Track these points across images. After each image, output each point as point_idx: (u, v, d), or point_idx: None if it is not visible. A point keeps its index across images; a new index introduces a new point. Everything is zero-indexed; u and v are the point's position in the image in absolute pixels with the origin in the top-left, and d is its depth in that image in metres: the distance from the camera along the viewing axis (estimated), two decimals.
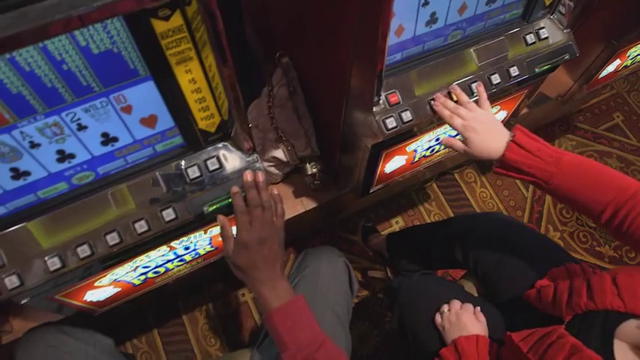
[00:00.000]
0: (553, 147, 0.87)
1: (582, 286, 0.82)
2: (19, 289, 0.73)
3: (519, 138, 0.85)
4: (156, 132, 0.75)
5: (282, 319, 0.72)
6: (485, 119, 0.86)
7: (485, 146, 0.85)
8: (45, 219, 0.75)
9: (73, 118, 0.66)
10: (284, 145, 1.18)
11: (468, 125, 0.85)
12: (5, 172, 0.68)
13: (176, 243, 0.91)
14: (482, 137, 0.85)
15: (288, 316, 0.73)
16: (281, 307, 0.73)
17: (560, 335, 0.78)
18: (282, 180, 1.31)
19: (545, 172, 0.83)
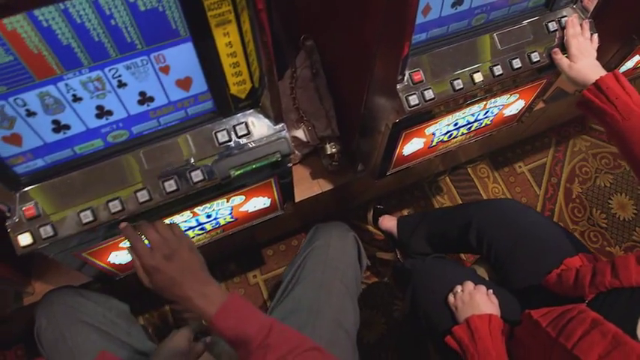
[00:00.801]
0: None
1: (606, 267, 0.85)
2: (52, 239, 0.77)
3: (618, 73, 0.94)
4: (189, 95, 0.78)
5: (224, 321, 0.71)
6: (594, 52, 0.99)
7: (585, 69, 0.96)
8: (79, 174, 0.79)
9: (114, 74, 0.69)
10: (305, 126, 1.21)
11: (580, 48, 0.97)
12: (47, 124, 0.72)
13: (199, 209, 0.95)
14: (586, 62, 0.97)
15: (229, 316, 0.72)
16: (218, 311, 0.71)
17: (581, 311, 0.80)
18: (300, 161, 1.34)
19: (628, 107, 0.90)
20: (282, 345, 0.69)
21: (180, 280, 0.72)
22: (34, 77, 0.64)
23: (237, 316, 0.71)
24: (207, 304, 0.71)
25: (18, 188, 0.76)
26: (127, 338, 0.97)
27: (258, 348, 0.69)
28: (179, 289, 0.72)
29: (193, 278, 0.73)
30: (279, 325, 0.72)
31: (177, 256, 0.74)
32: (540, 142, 1.95)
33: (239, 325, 0.71)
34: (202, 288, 0.73)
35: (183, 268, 0.73)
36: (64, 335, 0.91)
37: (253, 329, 0.70)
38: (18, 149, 0.73)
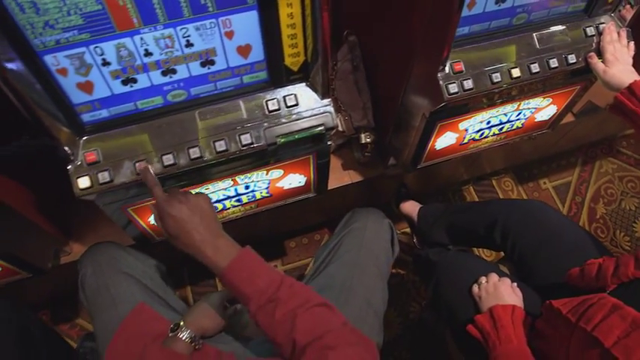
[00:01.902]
0: None
1: (630, 259, 0.87)
2: (107, 185, 0.83)
3: None
4: (247, 62, 0.85)
5: (235, 273, 0.73)
6: (629, 59, 1.04)
7: (620, 73, 1.00)
8: (138, 127, 0.85)
9: (184, 34, 0.76)
10: (342, 115, 1.27)
11: (616, 54, 1.01)
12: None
13: (240, 178, 1.00)
14: (621, 67, 1.01)
15: (241, 268, 0.74)
16: (231, 263, 0.74)
17: (601, 297, 0.83)
18: (333, 151, 1.40)
19: None
20: (291, 299, 0.72)
21: (193, 228, 0.74)
22: (115, 28, 0.71)
23: (249, 269, 0.73)
24: (218, 257, 0.74)
25: (82, 135, 0.83)
26: (164, 295, 1.01)
27: (267, 302, 0.71)
28: (190, 237, 0.74)
29: (206, 229, 0.75)
30: (288, 279, 0.74)
31: (192, 204, 0.75)
32: (566, 161, 1.97)
33: (250, 277, 0.73)
34: (214, 240, 0.75)
35: (197, 218, 0.75)
36: (106, 283, 0.96)
37: (263, 283, 0.72)
38: (88, 97, 0.79)
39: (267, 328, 0.72)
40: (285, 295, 0.72)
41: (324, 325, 0.70)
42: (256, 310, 0.73)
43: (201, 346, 0.90)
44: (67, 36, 0.70)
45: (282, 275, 0.75)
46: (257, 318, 0.73)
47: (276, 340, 0.71)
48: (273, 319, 0.71)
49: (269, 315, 0.71)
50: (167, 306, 1.01)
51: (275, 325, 0.71)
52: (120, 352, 0.90)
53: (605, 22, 1.03)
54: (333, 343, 0.66)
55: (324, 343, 0.67)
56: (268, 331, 0.72)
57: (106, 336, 0.93)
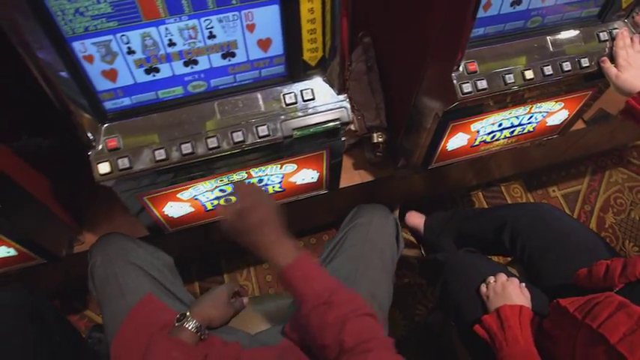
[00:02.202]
0: None
1: (638, 260, 0.88)
2: (127, 171, 0.85)
3: None
4: (266, 56, 0.87)
5: (294, 273, 0.78)
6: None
7: (632, 78, 1.01)
8: (159, 116, 0.88)
9: (208, 25, 0.79)
10: (355, 115, 1.28)
11: (628, 59, 1.02)
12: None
13: (254, 171, 1.02)
14: (633, 72, 1.01)
15: (299, 269, 0.79)
16: (291, 263, 0.79)
17: (608, 295, 0.84)
18: (344, 151, 1.41)
19: None
20: (344, 305, 0.75)
21: (261, 228, 0.80)
22: (142, 17, 0.74)
23: (308, 272, 0.78)
24: (282, 256, 0.79)
25: (104, 122, 0.86)
26: (171, 287, 1.03)
27: (321, 304, 0.75)
28: (259, 236, 0.80)
29: (273, 230, 0.81)
30: (343, 287, 0.78)
31: (265, 208, 0.81)
32: (576, 170, 1.98)
33: (307, 279, 0.77)
34: (280, 241, 0.80)
35: (267, 220, 0.80)
36: (115, 273, 0.97)
37: (319, 286, 0.77)
38: (112, 85, 0.82)
39: (317, 328, 0.75)
40: (339, 300, 0.76)
41: (370, 332, 0.73)
42: (310, 310, 0.76)
43: (207, 337, 0.92)
44: (96, 23, 0.72)
45: (337, 282, 0.79)
46: (309, 318, 0.76)
47: (324, 342, 0.74)
48: (325, 321, 0.74)
49: (321, 316, 0.75)
50: (174, 297, 1.03)
51: (325, 326, 0.74)
52: (127, 341, 0.92)
53: (618, 28, 1.05)
54: (374, 347, 0.70)
55: (367, 346, 0.70)
56: (318, 332, 0.75)
57: (114, 325, 0.94)
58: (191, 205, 1.07)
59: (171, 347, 0.86)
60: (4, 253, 1.03)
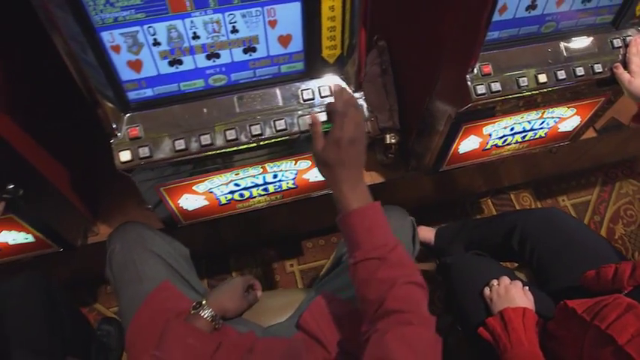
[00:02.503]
0: None
1: None
2: (147, 160, 0.88)
3: None
4: (286, 52, 0.90)
5: (360, 219, 0.78)
6: None
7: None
8: (180, 108, 0.90)
9: (231, 20, 0.81)
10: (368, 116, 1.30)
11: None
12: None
13: (270, 165, 1.04)
14: None
15: (366, 217, 0.79)
16: (360, 208, 0.79)
17: (616, 297, 0.85)
18: None
19: None
20: (398, 266, 0.75)
21: (347, 164, 0.80)
22: (169, 10, 0.77)
23: (373, 221, 0.78)
24: (354, 198, 0.79)
25: (127, 111, 0.88)
26: (187, 276, 1.05)
27: (375, 258, 0.75)
28: (342, 170, 0.80)
29: (356, 171, 0.82)
30: (403, 249, 0.78)
31: (357, 145, 0.81)
32: (586, 180, 1.98)
33: (370, 229, 0.77)
34: (357, 182, 0.81)
35: (354, 157, 0.81)
36: (133, 260, 1.00)
37: (380, 240, 0.77)
38: (136, 75, 0.85)
39: (363, 280, 0.76)
40: (394, 259, 0.76)
41: (414, 303, 0.73)
42: (361, 260, 0.76)
43: (221, 326, 0.93)
44: (125, 14, 0.75)
45: (399, 242, 0.78)
46: (357, 267, 0.76)
47: (368, 296, 0.75)
48: (373, 276, 0.74)
49: (371, 270, 0.75)
50: (189, 287, 1.05)
51: (373, 281, 0.74)
52: (143, 325, 0.94)
53: (631, 35, 1.06)
54: (415, 321, 0.71)
55: (407, 318, 0.70)
56: (362, 284, 0.76)
57: (130, 310, 0.96)
58: (205, 199, 1.09)
59: (187, 334, 0.88)
60: (22, 239, 1.06)
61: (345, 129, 0.82)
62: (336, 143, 0.81)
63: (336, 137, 0.81)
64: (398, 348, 0.68)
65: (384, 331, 0.71)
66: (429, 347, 0.72)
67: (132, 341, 0.93)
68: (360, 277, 0.77)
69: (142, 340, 0.92)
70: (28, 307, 0.99)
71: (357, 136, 0.83)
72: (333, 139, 0.82)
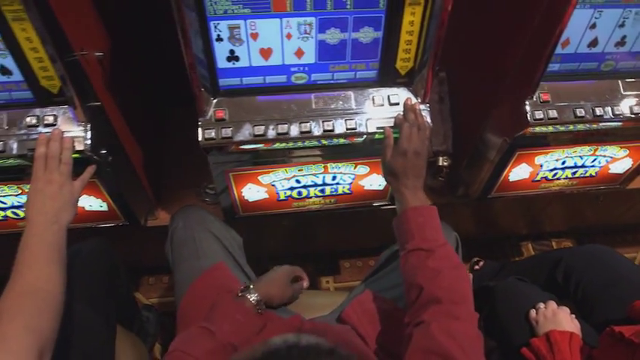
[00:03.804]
0: None
1: None
2: (228, 140, 0.98)
3: None
4: (363, 60, 1.00)
5: (415, 215, 0.90)
6: None
7: None
8: (262, 99, 1.01)
9: (321, 23, 0.93)
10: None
11: None
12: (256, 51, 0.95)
13: (332, 166, 1.13)
14: None
15: (421, 214, 0.91)
16: (417, 206, 0.91)
17: None
18: None
19: None
20: (445, 259, 0.85)
21: (411, 174, 0.94)
22: (271, 8, 0.89)
23: (427, 219, 0.90)
24: (413, 199, 0.93)
25: (216, 96, 1.00)
26: (240, 261, 1.12)
27: (425, 249, 0.85)
28: (405, 178, 0.94)
29: (418, 180, 0.95)
30: (451, 247, 0.88)
31: (421, 158, 0.95)
32: (632, 237, 1.97)
33: (424, 225, 0.88)
34: (418, 189, 0.95)
35: (417, 168, 0.95)
36: (194, 237, 1.08)
37: (432, 236, 0.87)
38: (230, 65, 0.96)
39: (411, 268, 0.85)
40: (443, 253, 0.86)
41: (459, 295, 0.81)
42: (412, 249, 0.86)
43: (264, 312, 0.99)
44: (234, 8, 0.88)
45: (447, 241, 0.88)
46: (408, 256, 0.87)
47: (414, 282, 0.83)
48: (422, 264, 0.84)
49: (421, 259, 0.84)
50: (241, 271, 1.12)
51: (420, 269, 0.83)
52: (197, 298, 1.01)
53: None
54: (462, 316, 0.77)
55: (453, 311, 0.77)
56: (411, 271, 0.85)
57: (185, 283, 1.04)
58: (267, 191, 1.18)
59: (236, 310, 0.94)
60: (98, 206, 1.16)
61: (412, 142, 0.95)
62: (403, 154, 0.94)
63: (403, 148, 0.94)
64: (446, 340, 0.73)
65: (429, 322, 0.76)
66: (474, 343, 0.76)
67: (184, 311, 1.00)
68: (409, 265, 0.86)
69: (194, 311, 0.99)
70: (93, 267, 1.08)
71: (422, 149, 0.96)
72: (400, 150, 0.95)
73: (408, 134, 0.96)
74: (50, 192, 0.86)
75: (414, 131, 0.97)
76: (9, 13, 0.82)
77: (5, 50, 0.88)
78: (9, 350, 0.67)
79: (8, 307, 0.73)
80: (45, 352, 0.72)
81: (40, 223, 0.83)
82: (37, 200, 0.85)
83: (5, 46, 0.87)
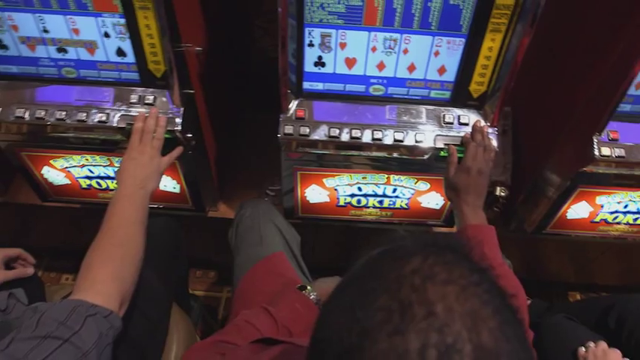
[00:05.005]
0: None
1: None
2: (303, 138, 1.07)
3: None
4: (439, 80, 1.08)
5: (475, 232, 0.95)
6: None
7: None
8: (341, 104, 1.10)
9: (406, 41, 1.01)
10: None
11: None
12: (341, 60, 1.05)
13: (394, 178, 1.19)
14: None
15: (480, 232, 0.95)
16: (477, 224, 0.96)
17: None
18: None
19: None
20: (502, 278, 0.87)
21: (473, 191, 0.99)
22: (362, 22, 0.99)
23: (485, 238, 0.95)
24: (473, 217, 0.98)
25: (298, 97, 1.09)
26: (297, 256, 1.19)
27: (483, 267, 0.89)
28: (467, 195, 0.99)
29: (479, 198, 1.00)
30: (507, 268, 0.93)
31: (483, 177, 1.00)
32: None
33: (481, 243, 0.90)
34: (478, 208, 1.00)
35: (479, 187, 1.00)
36: (259, 225, 1.16)
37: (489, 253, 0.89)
38: (317, 70, 1.06)
39: None
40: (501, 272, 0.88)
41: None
42: None
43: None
44: (329, 18, 0.98)
45: (504, 264, 0.93)
46: None
47: None
48: None
49: None
50: (298, 266, 1.18)
51: None
52: (256, 279, 1.08)
53: None
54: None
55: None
56: None
57: (246, 265, 1.11)
58: (329, 195, 1.25)
59: (296, 299, 0.99)
60: (171, 187, 1.27)
61: (477, 160, 1.01)
62: (467, 171, 1.00)
63: (467, 166, 1.00)
64: None
65: None
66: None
67: (243, 290, 1.07)
68: None
69: (252, 291, 1.05)
70: (163, 240, 1.16)
71: (486, 169, 1.01)
72: (464, 167, 1.01)
73: (473, 153, 1.02)
74: (141, 161, 0.97)
75: (479, 151, 1.03)
76: (137, 2, 0.95)
77: (126, 34, 1.01)
78: (99, 292, 0.75)
79: (100, 255, 0.82)
80: (124, 302, 0.80)
81: (129, 186, 0.93)
82: (129, 166, 0.96)
83: (127, 31, 1.01)
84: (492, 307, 0.40)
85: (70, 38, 1.03)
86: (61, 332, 0.62)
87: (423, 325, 0.37)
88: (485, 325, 0.38)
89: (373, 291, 0.41)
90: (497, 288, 0.44)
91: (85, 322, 0.65)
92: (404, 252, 0.44)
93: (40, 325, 0.63)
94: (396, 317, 0.38)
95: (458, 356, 0.36)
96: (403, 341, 0.36)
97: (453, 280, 0.41)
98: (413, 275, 0.40)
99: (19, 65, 1.08)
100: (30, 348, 0.59)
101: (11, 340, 0.61)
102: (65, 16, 1.00)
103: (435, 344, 0.36)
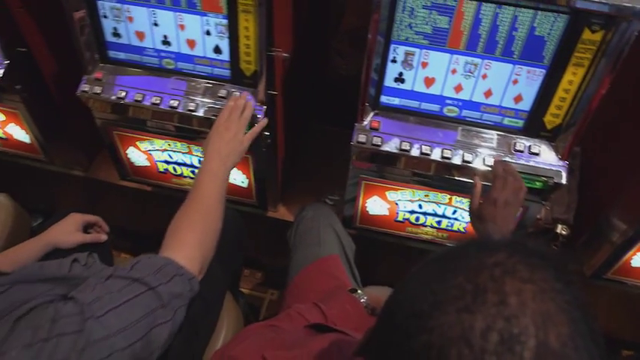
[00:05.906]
0: None
1: None
2: (375, 148, 1.12)
3: None
4: (514, 108, 1.11)
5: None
6: None
7: None
8: (414, 119, 1.15)
9: (486, 67, 1.06)
10: (544, 205, 1.43)
11: None
12: (420, 79, 1.10)
13: (456, 199, 1.22)
14: None
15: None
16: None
17: None
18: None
19: None
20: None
21: (499, 222, 0.97)
22: (447, 44, 1.04)
23: None
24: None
25: (374, 109, 1.15)
26: (351, 261, 1.23)
27: None
28: (491, 226, 0.97)
29: (505, 230, 0.98)
30: None
31: (510, 208, 0.98)
32: None
33: None
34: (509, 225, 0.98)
35: (506, 218, 0.98)
36: (318, 227, 1.21)
37: None
38: (396, 85, 1.12)
39: None
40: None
41: None
42: None
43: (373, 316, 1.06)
44: (415, 37, 1.04)
45: None
46: None
47: None
48: None
49: None
50: (350, 272, 1.22)
51: None
52: (311, 277, 1.13)
53: None
54: None
55: None
56: None
57: (301, 263, 1.16)
58: (389, 208, 1.29)
59: (347, 300, 1.03)
60: (240, 181, 1.35)
61: (504, 192, 0.99)
62: (493, 202, 0.98)
63: (493, 197, 0.98)
64: None
65: None
66: None
67: (297, 285, 1.12)
68: None
69: (305, 288, 1.10)
70: (229, 230, 1.22)
71: (513, 200, 0.98)
72: (490, 198, 0.99)
73: (500, 184, 0.99)
74: (226, 136, 1.04)
75: (508, 181, 0.99)
76: (241, 5, 1.06)
77: (225, 34, 1.12)
78: (186, 256, 0.81)
79: (187, 220, 0.89)
80: (202, 270, 0.86)
81: (214, 162, 1.00)
82: (215, 140, 1.03)
83: (226, 30, 1.11)
84: (568, 317, 0.39)
85: (175, 33, 1.15)
86: (150, 280, 0.69)
87: (493, 311, 0.39)
88: (555, 329, 0.38)
89: (452, 270, 0.44)
90: (582, 304, 0.41)
91: (172, 279, 0.72)
92: (492, 244, 0.46)
93: (134, 270, 0.71)
94: (468, 297, 0.40)
95: (519, 347, 0.37)
96: (470, 319, 0.39)
97: (533, 280, 0.41)
98: (494, 267, 0.42)
99: (127, 53, 1.20)
100: (123, 285, 0.67)
101: (110, 275, 0.69)
102: (175, 13, 1.11)
103: (499, 329, 0.37)
